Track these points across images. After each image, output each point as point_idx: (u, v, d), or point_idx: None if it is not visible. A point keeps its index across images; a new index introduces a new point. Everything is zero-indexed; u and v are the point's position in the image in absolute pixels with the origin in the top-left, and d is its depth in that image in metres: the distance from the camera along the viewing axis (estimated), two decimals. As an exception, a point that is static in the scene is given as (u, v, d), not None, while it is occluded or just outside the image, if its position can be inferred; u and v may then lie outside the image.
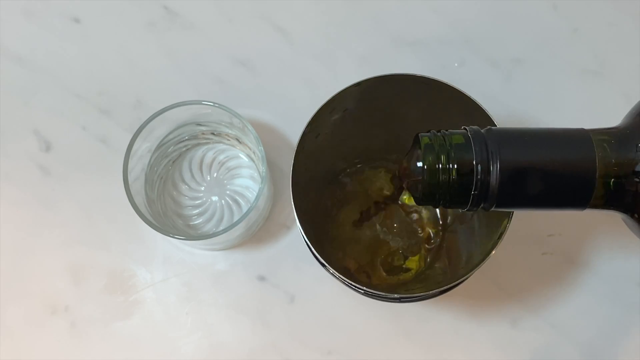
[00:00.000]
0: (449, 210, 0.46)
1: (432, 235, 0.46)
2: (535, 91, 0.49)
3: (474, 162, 0.29)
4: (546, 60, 0.50)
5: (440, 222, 0.46)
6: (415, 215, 0.46)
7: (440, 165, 0.30)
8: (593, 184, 0.29)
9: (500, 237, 0.37)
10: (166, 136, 0.45)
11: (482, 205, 0.31)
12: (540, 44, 0.50)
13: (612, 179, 0.29)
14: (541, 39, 0.50)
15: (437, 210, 0.46)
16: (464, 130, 0.31)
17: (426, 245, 0.46)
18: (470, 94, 0.38)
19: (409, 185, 0.33)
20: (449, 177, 0.30)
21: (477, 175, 0.29)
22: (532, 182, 0.29)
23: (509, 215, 0.37)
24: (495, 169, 0.29)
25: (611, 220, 0.47)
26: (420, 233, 0.46)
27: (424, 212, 0.46)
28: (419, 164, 0.31)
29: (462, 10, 0.50)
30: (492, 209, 0.31)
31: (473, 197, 0.30)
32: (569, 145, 0.30)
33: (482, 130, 0.31)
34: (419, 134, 0.32)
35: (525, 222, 0.45)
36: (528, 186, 0.29)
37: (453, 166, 0.30)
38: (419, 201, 0.32)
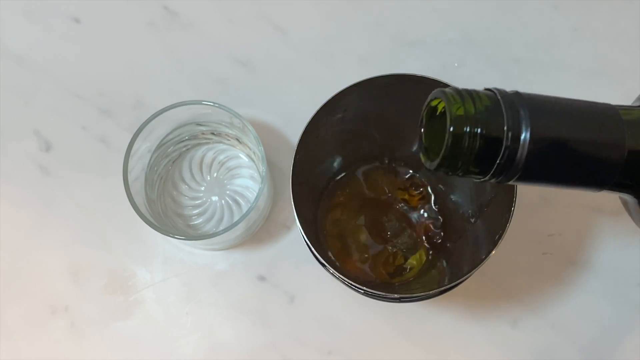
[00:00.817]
0: (450, 209, 0.46)
1: (432, 233, 0.46)
2: (535, 91, 0.49)
3: (505, 128, 0.27)
4: (546, 60, 0.50)
5: (441, 220, 0.46)
6: (415, 214, 0.46)
7: (468, 129, 0.27)
8: (619, 164, 0.28)
9: (500, 237, 0.37)
10: (166, 136, 0.45)
11: (501, 176, 0.28)
12: (540, 44, 0.50)
13: (633, 160, 0.28)
14: (541, 39, 0.50)
15: (438, 208, 0.46)
16: (491, 92, 0.28)
17: (426, 244, 0.46)
18: (470, 94, 0.38)
19: (427, 148, 0.30)
20: (475, 142, 0.27)
21: (506, 142, 0.27)
22: (559, 156, 0.27)
23: (509, 215, 0.37)
24: (525, 137, 0.26)
25: (611, 220, 0.47)
26: (420, 230, 0.46)
27: (424, 211, 0.46)
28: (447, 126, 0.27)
29: (462, 10, 0.50)
30: (511, 182, 0.28)
31: (497, 167, 0.27)
32: (600, 121, 0.28)
33: (510, 93, 0.28)
34: (441, 90, 0.28)
35: (525, 222, 0.46)
36: (554, 160, 0.27)
37: (482, 130, 0.27)
38: (436, 166, 0.29)
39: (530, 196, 0.46)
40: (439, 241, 0.46)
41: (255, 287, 0.46)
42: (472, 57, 0.50)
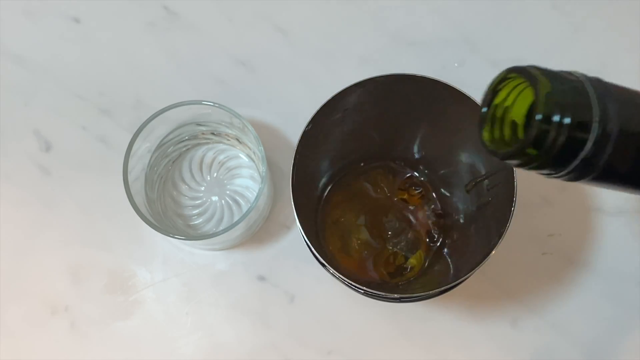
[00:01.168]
0: (450, 209, 0.46)
1: (432, 233, 0.46)
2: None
3: (595, 120, 0.23)
4: (546, 60, 0.49)
5: (441, 220, 0.46)
6: (415, 214, 0.46)
7: (558, 117, 0.23)
8: None
9: (500, 237, 0.37)
10: (166, 136, 0.45)
11: (575, 173, 0.24)
12: (540, 44, 0.50)
13: None
14: (541, 39, 0.50)
15: (438, 208, 0.46)
16: (576, 77, 0.25)
17: (427, 240, 0.46)
18: (470, 94, 0.38)
19: (492, 133, 0.26)
20: (561, 134, 0.23)
21: (594, 136, 0.23)
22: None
23: (509, 216, 0.37)
24: (614, 132, 0.23)
25: (611, 220, 0.47)
26: (421, 230, 0.46)
27: (424, 211, 0.46)
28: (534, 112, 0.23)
29: (462, 10, 0.50)
30: (582, 181, 0.25)
31: (579, 162, 0.24)
32: None
33: (594, 79, 0.25)
34: (524, 68, 0.24)
35: (525, 222, 0.46)
36: (636, 160, 0.24)
37: (572, 120, 0.23)
38: (508, 156, 0.25)
39: (530, 196, 0.46)
40: (439, 241, 0.46)
41: (255, 287, 0.46)
42: (472, 57, 0.50)
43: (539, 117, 0.23)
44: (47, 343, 0.45)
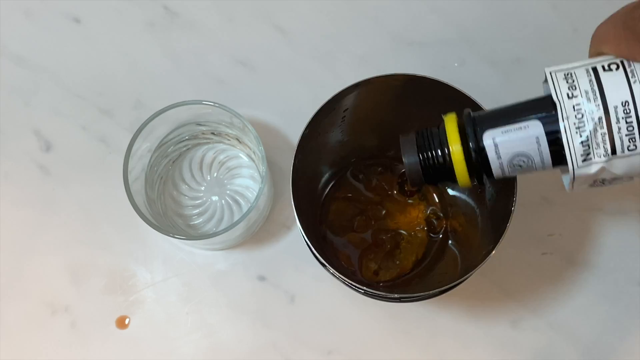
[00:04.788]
0: (450, 207, 0.46)
1: (432, 231, 0.46)
2: (535, 91, 0.49)
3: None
4: (546, 60, 0.49)
5: (441, 218, 0.46)
6: (415, 212, 0.46)
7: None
8: None
9: (500, 237, 0.37)
10: (166, 136, 0.45)
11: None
12: (540, 44, 0.50)
13: None
14: (541, 39, 0.50)
15: (437, 206, 0.46)
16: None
17: (426, 241, 0.46)
18: (470, 94, 0.38)
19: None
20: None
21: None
22: None
23: (509, 215, 0.37)
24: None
25: (611, 220, 0.47)
26: (420, 228, 0.46)
27: (424, 208, 0.46)
28: None
29: (462, 10, 0.50)
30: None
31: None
32: None
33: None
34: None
35: (525, 222, 0.46)
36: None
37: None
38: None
39: (530, 196, 0.46)
40: (439, 239, 0.46)
41: (255, 287, 0.46)
42: (472, 57, 0.50)
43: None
44: (47, 343, 0.45)
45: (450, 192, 0.46)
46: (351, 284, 0.38)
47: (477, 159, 0.30)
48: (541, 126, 0.29)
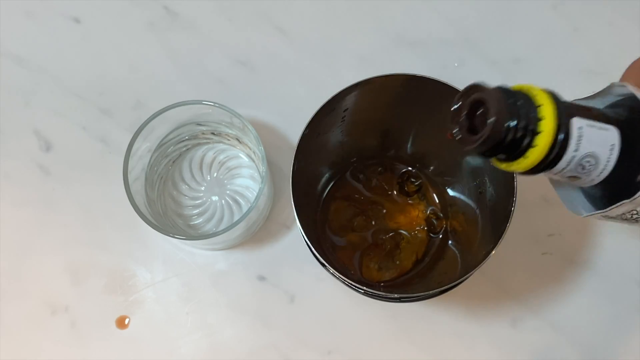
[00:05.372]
0: (449, 206, 0.46)
1: (432, 230, 0.46)
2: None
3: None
4: (546, 60, 0.50)
5: (441, 217, 0.46)
6: (415, 211, 0.46)
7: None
8: None
9: (500, 237, 0.37)
10: (166, 136, 0.45)
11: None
12: (540, 44, 0.50)
13: None
14: (541, 39, 0.50)
15: (437, 205, 0.46)
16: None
17: (426, 241, 0.46)
18: (470, 94, 0.38)
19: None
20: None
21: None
22: None
23: (509, 215, 0.37)
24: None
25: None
26: (420, 228, 0.46)
27: (424, 207, 0.46)
28: None
29: (462, 10, 0.50)
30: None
31: None
32: None
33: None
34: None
35: (525, 222, 0.46)
36: None
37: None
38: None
39: (530, 196, 0.46)
40: (439, 239, 0.46)
41: (255, 287, 0.46)
42: (472, 57, 0.50)
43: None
44: (47, 343, 0.45)
45: (450, 192, 0.46)
46: (351, 284, 0.38)
47: (561, 142, 0.27)
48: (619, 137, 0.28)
